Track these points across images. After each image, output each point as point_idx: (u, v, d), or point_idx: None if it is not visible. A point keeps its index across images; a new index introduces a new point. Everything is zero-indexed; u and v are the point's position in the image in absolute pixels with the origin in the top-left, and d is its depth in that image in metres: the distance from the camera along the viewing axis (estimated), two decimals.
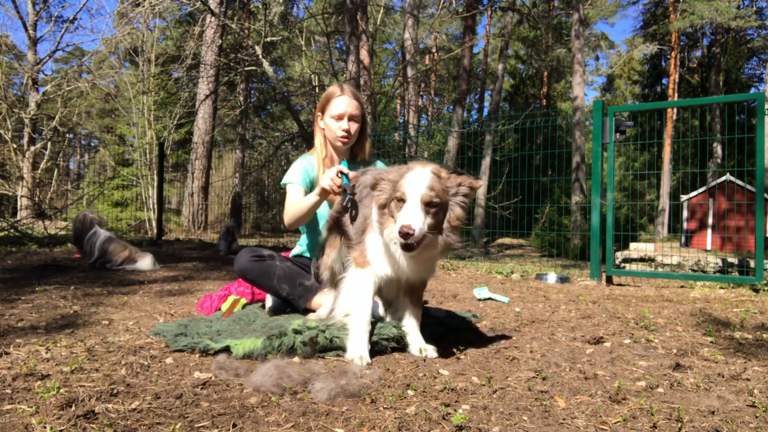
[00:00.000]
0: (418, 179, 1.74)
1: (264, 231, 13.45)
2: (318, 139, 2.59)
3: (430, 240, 1.76)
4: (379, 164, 2.77)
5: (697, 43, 27.13)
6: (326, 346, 1.88)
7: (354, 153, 2.65)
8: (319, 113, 2.57)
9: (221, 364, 1.69)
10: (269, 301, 2.59)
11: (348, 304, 1.99)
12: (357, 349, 1.84)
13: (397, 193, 1.75)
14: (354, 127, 2.51)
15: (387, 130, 9.85)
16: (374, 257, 1.92)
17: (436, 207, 1.73)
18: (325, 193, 2.20)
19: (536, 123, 6.61)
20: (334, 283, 2.17)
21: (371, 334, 1.94)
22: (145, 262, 4.61)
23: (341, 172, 2.15)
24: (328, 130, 2.53)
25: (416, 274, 1.90)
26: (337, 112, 2.48)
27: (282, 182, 2.54)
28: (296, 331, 1.92)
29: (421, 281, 2.04)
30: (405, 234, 1.65)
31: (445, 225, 1.78)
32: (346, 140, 2.51)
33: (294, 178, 2.49)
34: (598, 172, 4.73)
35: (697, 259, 6.90)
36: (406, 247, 1.72)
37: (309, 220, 2.40)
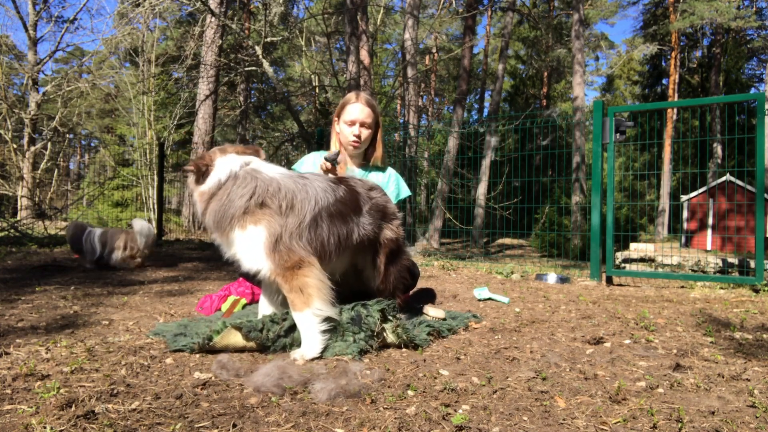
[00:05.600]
0: None
1: None
2: (333, 142, 2.78)
3: None
4: (390, 170, 2.82)
5: (697, 44, 27.13)
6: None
7: (367, 157, 2.81)
8: (336, 118, 2.75)
9: (222, 363, 1.68)
10: None
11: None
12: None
13: None
14: (365, 133, 2.68)
15: (387, 131, 9.85)
16: None
17: None
18: None
19: (536, 123, 6.60)
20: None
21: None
22: (139, 224, 4.62)
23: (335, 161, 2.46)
24: (342, 134, 2.71)
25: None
26: (350, 119, 2.65)
27: (293, 167, 2.74)
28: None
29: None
30: None
31: None
32: (357, 145, 2.68)
33: (300, 167, 2.74)
34: (598, 173, 4.73)
35: (697, 259, 6.90)
36: None
37: None
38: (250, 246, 1.87)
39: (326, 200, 1.98)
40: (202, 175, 1.96)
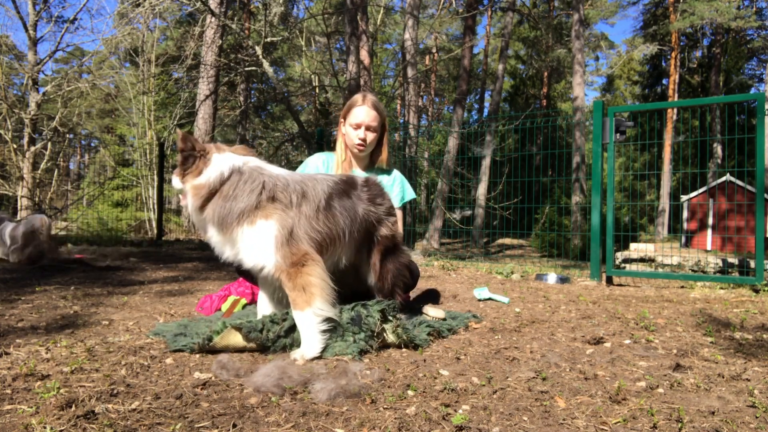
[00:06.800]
0: None
1: None
2: (339, 144, 2.76)
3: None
4: (395, 172, 2.83)
5: (697, 44, 27.14)
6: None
7: (372, 160, 2.80)
8: (342, 119, 2.73)
9: (222, 363, 1.68)
10: None
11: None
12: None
13: None
14: (371, 136, 2.67)
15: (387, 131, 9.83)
16: None
17: None
18: None
19: (536, 123, 6.60)
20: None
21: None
22: (28, 222, 4.63)
23: None
24: (347, 136, 2.70)
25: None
26: (356, 121, 2.64)
27: (298, 169, 2.73)
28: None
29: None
30: None
31: None
32: (362, 148, 2.67)
33: (305, 169, 2.74)
34: (598, 173, 4.73)
35: (697, 259, 6.90)
36: None
37: None
38: (258, 241, 1.86)
39: (330, 195, 2.01)
40: (191, 157, 1.90)
